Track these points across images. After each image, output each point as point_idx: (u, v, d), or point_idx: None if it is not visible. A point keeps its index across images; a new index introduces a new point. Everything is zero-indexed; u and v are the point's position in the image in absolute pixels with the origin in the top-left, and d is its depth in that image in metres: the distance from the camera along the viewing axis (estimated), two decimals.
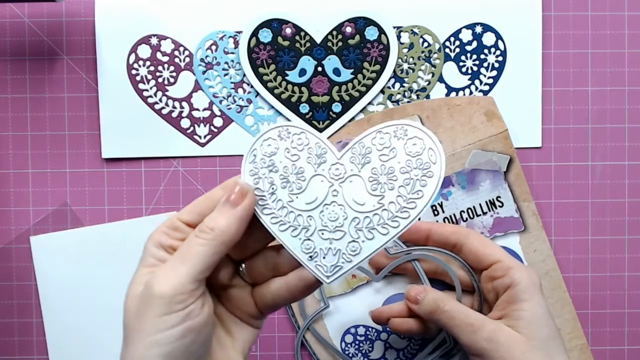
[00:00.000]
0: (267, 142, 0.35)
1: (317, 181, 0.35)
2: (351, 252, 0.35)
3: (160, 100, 0.52)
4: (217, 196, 0.35)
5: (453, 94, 0.52)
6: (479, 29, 0.52)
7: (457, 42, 0.52)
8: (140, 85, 0.52)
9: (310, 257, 0.35)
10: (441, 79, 0.52)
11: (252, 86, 0.52)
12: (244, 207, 0.34)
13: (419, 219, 0.51)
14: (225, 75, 0.52)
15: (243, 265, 0.37)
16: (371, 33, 0.51)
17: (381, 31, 0.51)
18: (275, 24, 0.51)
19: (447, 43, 0.52)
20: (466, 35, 0.52)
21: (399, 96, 0.52)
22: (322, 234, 0.35)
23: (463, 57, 0.52)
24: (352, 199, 0.34)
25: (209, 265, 0.33)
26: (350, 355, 0.52)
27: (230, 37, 0.52)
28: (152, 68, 0.52)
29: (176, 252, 0.34)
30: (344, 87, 0.52)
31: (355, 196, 0.34)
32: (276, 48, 0.51)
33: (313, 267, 0.35)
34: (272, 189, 0.35)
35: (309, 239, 0.35)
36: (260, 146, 0.35)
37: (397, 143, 0.34)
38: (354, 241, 0.34)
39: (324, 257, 0.35)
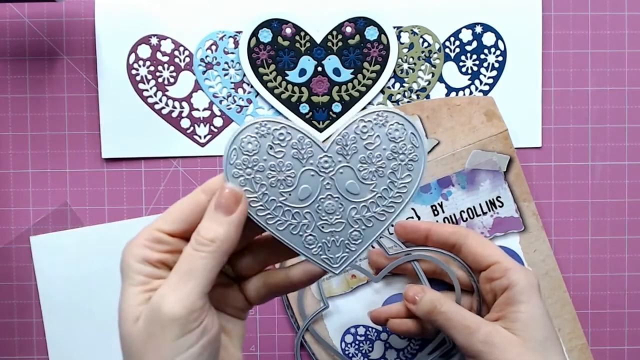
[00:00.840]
0: (246, 139, 0.34)
1: (308, 176, 0.35)
2: (354, 242, 0.35)
3: (160, 100, 0.52)
4: (201, 201, 0.34)
5: (453, 94, 0.52)
6: (479, 29, 0.52)
7: (457, 42, 0.52)
8: (140, 85, 0.52)
9: (315, 251, 0.35)
10: (441, 79, 0.52)
11: (252, 86, 0.52)
12: (240, 213, 0.33)
13: (419, 219, 0.51)
14: (225, 75, 0.52)
15: (236, 262, 0.37)
16: (371, 33, 0.51)
17: (381, 31, 0.51)
18: (275, 24, 0.51)
19: (447, 43, 0.52)
20: (466, 35, 0.52)
21: (399, 96, 0.52)
22: (323, 227, 0.35)
23: (463, 57, 0.52)
24: (345, 189, 0.35)
25: (214, 277, 0.32)
26: (350, 355, 0.52)
27: (230, 37, 0.52)
28: (152, 68, 0.52)
29: (176, 268, 0.32)
30: (344, 87, 0.52)
31: (348, 187, 0.35)
32: (276, 48, 0.51)
33: (320, 261, 0.35)
34: (262, 189, 0.34)
35: (310, 235, 0.35)
36: (239, 145, 0.34)
37: (380, 130, 0.35)
38: (355, 230, 0.35)
39: (328, 250, 0.35)
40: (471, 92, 0.52)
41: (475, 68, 0.52)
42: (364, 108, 0.52)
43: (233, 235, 0.33)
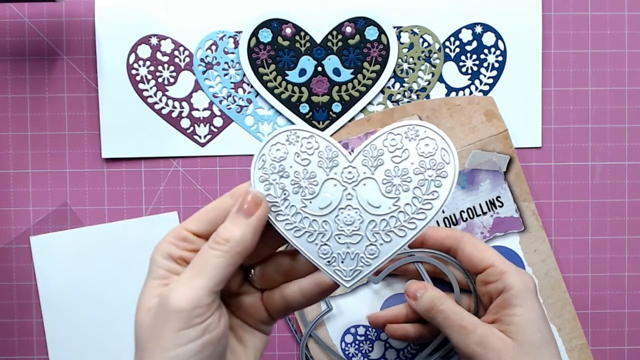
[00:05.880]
0: (276, 146, 0.35)
1: (330, 185, 0.34)
2: (369, 256, 0.34)
3: (160, 100, 0.52)
4: (227, 205, 0.34)
5: (453, 94, 0.52)
6: (479, 29, 0.52)
7: (457, 42, 0.52)
8: (140, 85, 0.52)
9: (329, 262, 0.35)
10: (441, 79, 0.52)
11: (252, 86, 0.52)
12: (259, 217, 0.34)
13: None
14: (225, 75, 0.52)
15: (253, 271, 0.37)
16: (371, 33, 0.51)
17: (381, 31, 0.51)
18: (275, 24, 0.51)
19: (447, 43, 0.52)
20: (466, 35, 0.52)
21: (399, 96, 0.52)
22: (339, 238, 0.34)
23: (463, 57, 0.52)
24: (366, 202, 0.34)
25: (225, 277, 0.33)
26: (350, 355, 0.52)
27: (230, 37, 0.52)
28: (152, 68, 0.52)
29: (190, 264, 0.33)
30: (344, 87, 0.52)
31: (370, 199, 0.34)
32: (276, 48, 0.51)
33: (332, 272, 0.35)
34: (284, 194, 0.34)
35: (325, 244, 0.35)
36: (268, 151, 0.35)
37: (409, 144, 0.34)
38: (371, 244, 0.34)
39: (342, 262, 0.35)
40: (471, 92, 0.52)
41: (475, 68, 0.52)
42: (363, 109, 0.52)
43: (249, 238, 0.33)
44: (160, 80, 0.52)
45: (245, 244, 0.33)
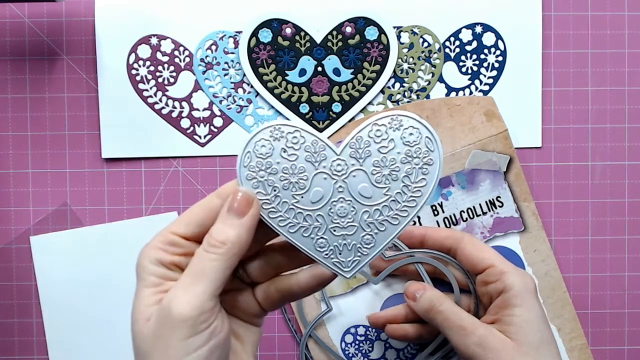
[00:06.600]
0: (260, 143, 0.34)
1: (320, 179, 0.34)
2: (366, 246, 0.35)
3: (160, 100, 0.52)
4: (215, 205, 0.34)
5: (453, 94, 0.52)
6: (479, 29, 0.52)
7: (457, 42, 0.52)
8: (140, 85, 0.52)
9: (327, 255, 0.35)
10: (441, 79, 0.52)
11: (252, 86, 0.52)
12: (252, 216, 0.33)
13: (419, 219, 0.51)
14: (225, 75, 0.52)
15: (242, 267, 0.37)
16: (371, 33, 0.52)
17: (381, 31, 0.51)
18: (275, 24, 0.51)
19: (447, 43, 0.52)
20: (466, 35, 0.52)
21: (399, 96, 0.52)
22: (334, 230, 0.35)
23: (463, 57, 0.52)
24: (358, 193, 0.35)
25: (225, 279, 0.33)
26: (350, 355, 0.52)
27: (230, 37, 0.52)
28: (152, 68, 0.52)
29: (187, 269, 0.33)
30: (344, 87, 0.52)
31: (361, 190, 0.35)
32: (276, 48, 0.51)
33: (331, 264, 0.35)
34: (275, 191, 0.34)
35: (322, 237, 0.35)
36: (253, 148, 0.35)
37: (394, 134, 0.34)
38: (367, 234, 0.35)
39: (340, 254, 0.35)
40: (471, 92, 0.52)
41: (475, 68, 0.52)
42: (363, 109, 0.52)
43: (244, 238, 0.33)
44: (160, 80, 0.52)
45: (241, 245, 0.33)
